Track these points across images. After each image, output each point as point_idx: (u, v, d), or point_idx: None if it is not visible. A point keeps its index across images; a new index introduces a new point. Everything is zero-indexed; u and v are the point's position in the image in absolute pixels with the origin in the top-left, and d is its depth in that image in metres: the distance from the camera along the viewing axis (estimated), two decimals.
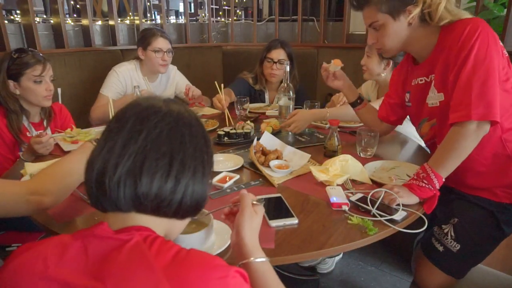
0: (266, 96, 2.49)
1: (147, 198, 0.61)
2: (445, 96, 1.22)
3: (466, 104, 1.09)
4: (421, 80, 1.33)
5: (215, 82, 2.01)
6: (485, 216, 1.28)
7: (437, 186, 1.13)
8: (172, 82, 2.47)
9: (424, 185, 1.12)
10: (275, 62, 2.31)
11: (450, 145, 1.14)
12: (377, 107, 1.64)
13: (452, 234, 1.29)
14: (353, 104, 1.62)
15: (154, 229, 0.64)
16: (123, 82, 2.25)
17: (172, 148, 0.62)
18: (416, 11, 1.17)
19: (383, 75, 1.95)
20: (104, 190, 0.61)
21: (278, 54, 2.32)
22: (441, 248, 1.30)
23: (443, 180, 1.14)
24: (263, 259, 0.73)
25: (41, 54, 1.73)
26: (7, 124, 1.65)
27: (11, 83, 1.65)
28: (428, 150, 1.59)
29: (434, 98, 1.27)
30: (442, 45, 1.22)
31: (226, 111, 1.98)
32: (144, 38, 2.22)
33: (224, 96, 2.03)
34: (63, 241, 0.61)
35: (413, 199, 1.12)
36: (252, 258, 0.72)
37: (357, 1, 1.28)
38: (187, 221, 0.73)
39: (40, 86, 1.69)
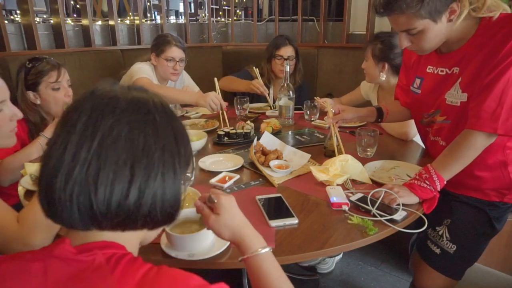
0: (271, 91, 2.46)
1: (106, 216, 0.52)
2: (469, 97, 1.14)
3: (496, 117, 1.05)
4: (441, 71, 1.23)
5: (215, 78, 1.99)
6: (478, 215, 1.28)
7: (438, 188, 1.13)
8: (181, 86, 2.46)
9: (425, 185, 1.12)
10: (286, 59, 2.35)
11: (459, 150, 1.12)
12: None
13: (447, 235, 1.29)
14: (378, 120, 1.54)
15: (122, 243, 0.56)
16: (149, 74, 2.20)
17: (133, 153, 0.52)
18: (461, 8, 1.03)
19: (382, 78, 1.87)
20: (55, 208, 0.52)
21: (287, 51, 2.37)
22: (438, 251, 1.30)
23: (445, 183, 1.13)
24: (262, 251, 0.70)
25: (55, 60, 1.72)
26: (28, 133, 1.64)
27: (30, 94, 1.65)
28: (422, 144, 1.56)
29: (455, 96, 1.18)
30: (480, 40, 1.10)
31: (224, 113, 1.93)
32: (158, 45, 2.21)
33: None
34: (24, 261, 0.54)
35: (413, 199, 1.12)
36: (249, 253, 0.71)
37: (386, 8, 1.07)
38: (161, 228, 0.64)
39: (58, 93, 1.68)
